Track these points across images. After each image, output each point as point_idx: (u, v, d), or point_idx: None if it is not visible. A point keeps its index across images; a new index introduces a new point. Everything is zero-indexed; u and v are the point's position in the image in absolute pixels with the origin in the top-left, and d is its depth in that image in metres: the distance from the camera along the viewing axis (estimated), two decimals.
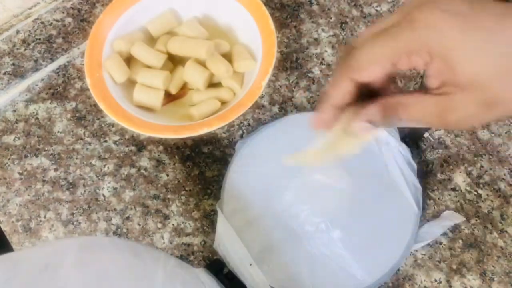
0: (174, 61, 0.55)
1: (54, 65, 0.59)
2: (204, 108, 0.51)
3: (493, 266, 0.47)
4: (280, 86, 0.56)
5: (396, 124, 0.30)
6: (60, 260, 0.31)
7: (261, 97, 0.56)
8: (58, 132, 0.55)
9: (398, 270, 0.47)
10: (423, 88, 0.29)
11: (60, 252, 0.33)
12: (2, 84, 0.58)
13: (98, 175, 0.53)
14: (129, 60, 0.55)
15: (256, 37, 0.52)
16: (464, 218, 0.49)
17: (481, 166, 0.51)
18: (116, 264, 0.33)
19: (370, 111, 0.30)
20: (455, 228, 0.49)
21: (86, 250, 0.34)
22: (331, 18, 0.60)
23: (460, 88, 0.27)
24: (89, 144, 0.55)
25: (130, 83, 0.54)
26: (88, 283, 0.31)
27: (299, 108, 0.55)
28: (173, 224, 0.50)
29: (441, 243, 0.48)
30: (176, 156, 0.53)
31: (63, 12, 0.63)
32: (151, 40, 0.56)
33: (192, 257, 0.49)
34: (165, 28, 0.56)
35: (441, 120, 0.28)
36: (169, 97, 0.54)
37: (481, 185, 0.51)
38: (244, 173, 0.50)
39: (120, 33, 0.54)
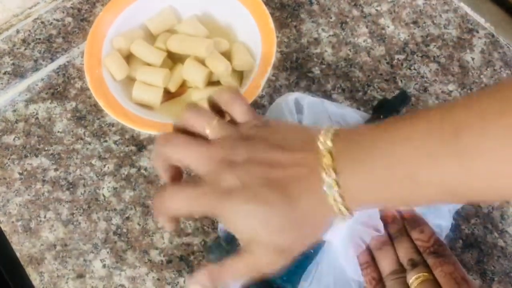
0: (173, 59, 0.55)
1: (54, 65, 0.59)
2: (203, 106, 0.51)
3: (493, 266, 0.47)
4: (280, 86, 0.56)
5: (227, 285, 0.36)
6: None
7: (261, 96, 0.56)
8: (58, 132, 0.55)
9: None
10: None
11: None
12: (2, 84, 0.58)
13: (98, 175, 0.53)
14: (129, 58, 0.55)
15: (255, 36, 0.52)
16: (462, 203, 0.48)
17: None
18: None
19: (200, 278, 0.35)
20: (455, 228, 0.49)
21: None
22: (331, 18, 0.60)
23: (248, 245, 0.33)
24: (89, 144, 0.55)
25: (130, 81, 0.54)
26: None
27: None
28: None
29: None
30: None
31: (63, 12, 0.63)
32: (150, 38, 0.56)
33: (192, 257, 0.49)
34: (165, 26, 0.56)
35: (257, 272, 0.34)
36: (168, 95, 0.54)
37: None
38: None
39: (120, 30, 0.54)
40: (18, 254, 0.50)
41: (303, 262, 0.43)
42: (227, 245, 0.36)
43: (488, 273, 0.47)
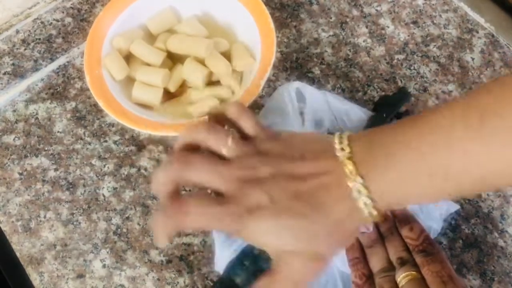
0: (173, 59, 0.55)
1: (54, 65, 0.59)
2: (203, 106, 0.51)
3: (493, 266, 0.47)
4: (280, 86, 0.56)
5: None
6: None
7: (261, 96, 0.56)
8: (58, 132, 0.55)
9: None
10: None
11: None
12: (2, 84, 0.58)
13: (98, 175, 0.53)
14: (128, 58, 0.55)
15: (255, 36, 0.52)
16: (459, 206, 0.48)
17: None
18: None
19: None
20: (455, 228, 0.49)
21: None
22: (331, 18, 0.60)
23: (281, 259, 0.33)
24: (89, 144, 0.55)
25: (129, 81, 0.54)
26: None
27: None
28: None
29: (441, 243, 0.48)
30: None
31: (63, 12, 0.63)
32: (150, 38, 0.56)
33: (192, 257, 0.49)
34: (165, 26, 0.56)
35: (295, 283, 0.33)
36: (168, 95, 0.54)
37: None
38: None
39: (120, 30, 0.54)
40: (18, 254, 0.50)
41: None
42: (254, 265, 0.37)
43: (488, 273, 0.47)
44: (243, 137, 0.36)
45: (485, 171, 0.29)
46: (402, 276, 0.39)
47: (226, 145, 0.34)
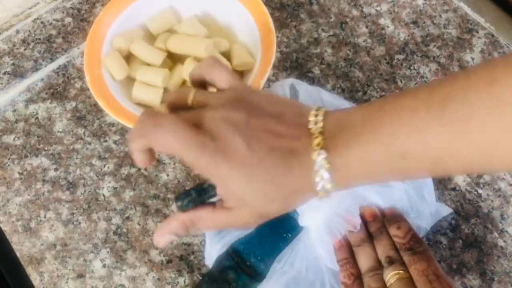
0: (173, 59, 0.55)
1: (54, 65, 0.59)
2: None
3: (493, 266, 0.47)
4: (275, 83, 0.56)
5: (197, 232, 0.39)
6: None
7: None
8: (58, 132, 0.55)
9: None
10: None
11: None
12: (2, 84, 0.58)
13: (98, 175, 0.53)
14: (129, 58, 0.55)
15: (255, 36, 0.52)
16: (452, 210, 0.48)
17: None
18: None
19: (173, 226, 0.35)
20: (455, 228, 0.49)
21: None
22: (331, 18, 0.60)
23: (236, 205, 0.34)
24: (89, 144, 0.55)
25: (129, 81, 0.54)
26: None
27: None
28: None
29: (441, 243, 0.48)
30: (176, 156, 0.53)
31: (63, 12, 0.63)
32: (150, 38, 0.56)
33: (192, 257, 0.49)
34: (165, 26, 0.56)
35: (232, 227, 0.37)
36: None
37: (481, 185, 0.50)
38: None
39: (120, 30, 0.54)
40: (18, 254, 0.50)
41: (279, 244, 0.44)
42: (198, 197, 0.36)
43: (488, 273, 0.47)
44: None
45: (444, 154, 0.29)
46: (390, 275, 0.39)
47: (190, 97, 0.36)
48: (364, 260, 0.41)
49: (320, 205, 0.42)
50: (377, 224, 0.43)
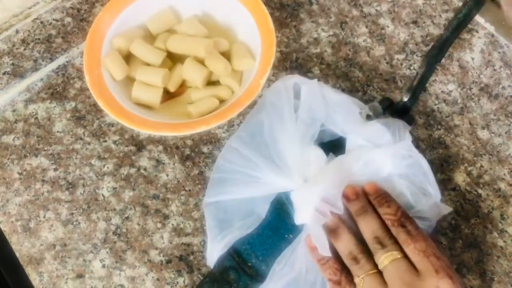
0: (173, 59, 0.55)
1: (53, 65, 0.59)
2: (203, 106, 0.51)
3: (493, 266, 0.47)
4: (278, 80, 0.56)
5: None
6: None
7: (261, 96, 0.55)
8: (58, 132, 0.55)
9: None
10: None
11: None
12: (1, 84, 0.58)
13: (97, 175, 0.53)
14: (128, 58, 0.55)
15: (255, 36, 0.52)
16: (452, 209, 0.48)
17: (481, 166, 0.51)
18: None
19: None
20: (455, 228, 0.49)
21: None
22: (331, 17, 0.60)
23: None
24: (89, 144, 0.55)
25: (129, 81, 0.54)
26: None
27: None
28: (172, 224, 0.50)
29: (441, 243, 0.48)
30: (175, 156, 0.53)
31: (62, 12, 0.62)
32: (150, 38, 0.56)
33: (192, 257, 0.49)
34: (165, 26, 0.56)
35: None
36: (168, 95, 0.54)
37: (481, 185, 0.50)
38: None
39: (120, 30, 0.54)
40: (17, 254, 0.50)
41: (280, 245, 0.44)
42: (241, 259, 0.40)
43: (488, 273, 0.47)
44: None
45: None
46: (383, 257, 0.38)
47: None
48: (343, 247, 0.40)
49: (309, 199, 0.41)
50: (361, 203, 0.41)
